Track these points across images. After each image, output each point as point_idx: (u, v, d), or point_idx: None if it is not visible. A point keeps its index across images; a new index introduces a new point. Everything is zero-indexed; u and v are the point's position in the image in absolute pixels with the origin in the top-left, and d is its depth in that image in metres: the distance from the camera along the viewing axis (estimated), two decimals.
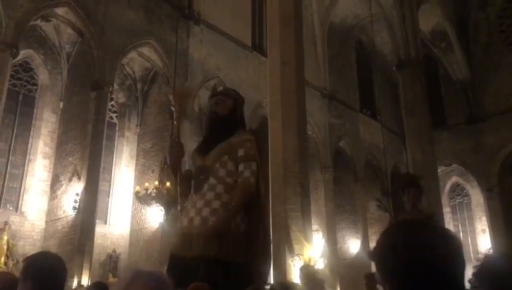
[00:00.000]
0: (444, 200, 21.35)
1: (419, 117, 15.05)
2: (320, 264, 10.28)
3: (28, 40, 12.90)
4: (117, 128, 15.05)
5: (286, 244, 8.63)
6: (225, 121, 2.82)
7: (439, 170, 17.60)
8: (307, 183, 9.68)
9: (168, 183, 11.00)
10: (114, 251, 13.18)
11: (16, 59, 11.92)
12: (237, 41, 16.48)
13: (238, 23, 16.72)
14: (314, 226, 14.28)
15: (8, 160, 12.63)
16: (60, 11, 12.52)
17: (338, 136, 19.93)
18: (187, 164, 4.76)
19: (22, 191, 12.55)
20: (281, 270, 8.44)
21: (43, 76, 13.65)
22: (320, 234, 17.53)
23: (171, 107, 2.86)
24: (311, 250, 8.97)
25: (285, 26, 10.27)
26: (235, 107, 2.87)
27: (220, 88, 2.91)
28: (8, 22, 10.95)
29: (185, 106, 3.09)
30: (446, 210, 21.36)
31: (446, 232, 1.11)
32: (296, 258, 8.52)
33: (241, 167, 2.68)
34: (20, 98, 13.25)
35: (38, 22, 12.65)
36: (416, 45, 16.45)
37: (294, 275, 8.25)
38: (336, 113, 20.15)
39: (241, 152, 2.71)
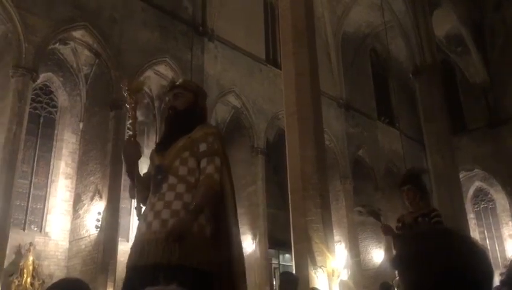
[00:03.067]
0: (468, 206, 20.94)
1: (438, 123, 14.88)
2: (343, 275, 10.17)
3: (48, 64, 13.21)
4: None
5: (308, 256, 8.57)
6: (185, 116, 2.55)
7: (461, 176, 17.32)
8: (327, 194, 9.62)
9: None
10: None
11: (36, 83, 12.19)
12: (251, 55, 16.60)
13: (252, 38, 16.86)
14: (336, 237, 14.15)
15: (31, 182, 12.86)
16: (77, 34, 12.81)
17: (356, 145, 19.79)
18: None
19: (45, 211, 12.74)
20: (304, 282, 8.36)
21: (62, 98, 13.93)
22: (343, 244, 17.35)
23: (126, 104, 2.53)
24: (334, 261, 8.88)
25: (298, 39, 10.33)
26: (195, 101, 2.61)
27: (180, 81, 2.51)
28: (28, 47, 11.25)
29: (139, 101, 2.79)
30: (470, 216, 20.96)
31: (472, 240, 1.09)
32: (319, 270, 8.45)
33: (203, 163, 2.40)
34: (41, 121, 13.52)
35: (56, 45, 12.95)
36: (432, 51, 16.34)
37: (318, 287, 8.17)
38: (353, 122, 20.04)
39: (203, 147, 2.42)
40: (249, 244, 15.41)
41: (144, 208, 2.57)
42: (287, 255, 15.75)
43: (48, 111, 13.75)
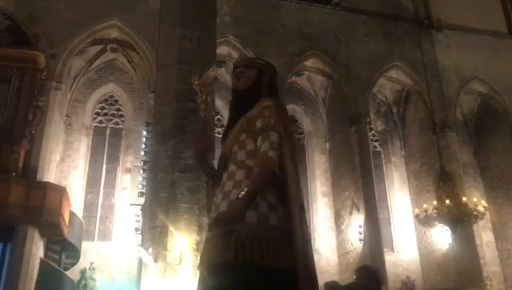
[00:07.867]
0: None
1: None
2: None
3: (288, 96, 14.56)
4: (382, 156, 15.23)
5: None
6: (248, 96, 2.27)
7: None
8: None
9: (447, 201, 10.42)
10: (408, 277, 13.02)
11: None
12: (489, 32, 14.93)
13: (486, 13, 15.16)
14: None
15: None
16: (309, 62, 13.81)
17: None
18: None
19: (311, 230, 13.79)
20: None
21: (306, 124, 15.13)
22: None
23: (197, 99, 2.32)
24: None
25: None
26: (259, 78, 2.33)
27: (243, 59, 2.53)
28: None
29: (211, 95, 2.58)
30: None
31: None
32: None
33: (258, 141, 2.08)
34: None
35: (293, 78, 14.23)
36: None
37: None
38: None
39: (259, 124, 2.11)
40: None
41: None
42: None
43: (298, 138, 15.08)
